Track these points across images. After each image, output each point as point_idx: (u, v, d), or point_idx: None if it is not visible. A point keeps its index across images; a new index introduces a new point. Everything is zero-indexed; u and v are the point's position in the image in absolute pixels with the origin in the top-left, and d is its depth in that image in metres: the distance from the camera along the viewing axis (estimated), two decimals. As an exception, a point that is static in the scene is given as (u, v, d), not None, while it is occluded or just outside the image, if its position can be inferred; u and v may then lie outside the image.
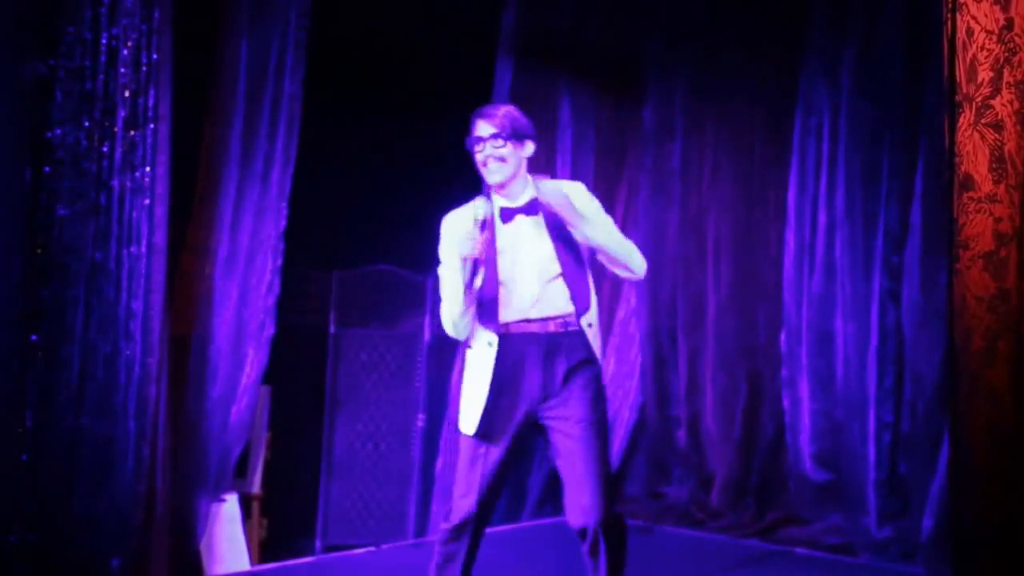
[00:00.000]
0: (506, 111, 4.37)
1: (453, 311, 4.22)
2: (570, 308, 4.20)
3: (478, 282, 4.17)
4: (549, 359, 4.18)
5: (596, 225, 4.17)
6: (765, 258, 7.80)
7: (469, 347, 4.33)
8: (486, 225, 4.11)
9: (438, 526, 4.37)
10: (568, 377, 4.18)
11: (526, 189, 4.31)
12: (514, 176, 4.30)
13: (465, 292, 4.14)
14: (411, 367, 7.41)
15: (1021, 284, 3.89)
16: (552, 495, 7.21)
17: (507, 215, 4.29)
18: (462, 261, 4.08)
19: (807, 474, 7.34)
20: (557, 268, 4.20)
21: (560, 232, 4.20)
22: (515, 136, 4.28)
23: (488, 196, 4.35)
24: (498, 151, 4.27)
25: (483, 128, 4.33)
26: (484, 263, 4.17)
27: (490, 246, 4.21)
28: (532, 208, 4.27)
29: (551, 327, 4.18)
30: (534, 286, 4.20)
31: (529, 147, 4.33)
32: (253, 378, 5.95)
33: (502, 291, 4.21)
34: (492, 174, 4.29)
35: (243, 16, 5.84)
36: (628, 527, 4.31)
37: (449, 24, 7.51)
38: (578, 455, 4.15)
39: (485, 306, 4.24)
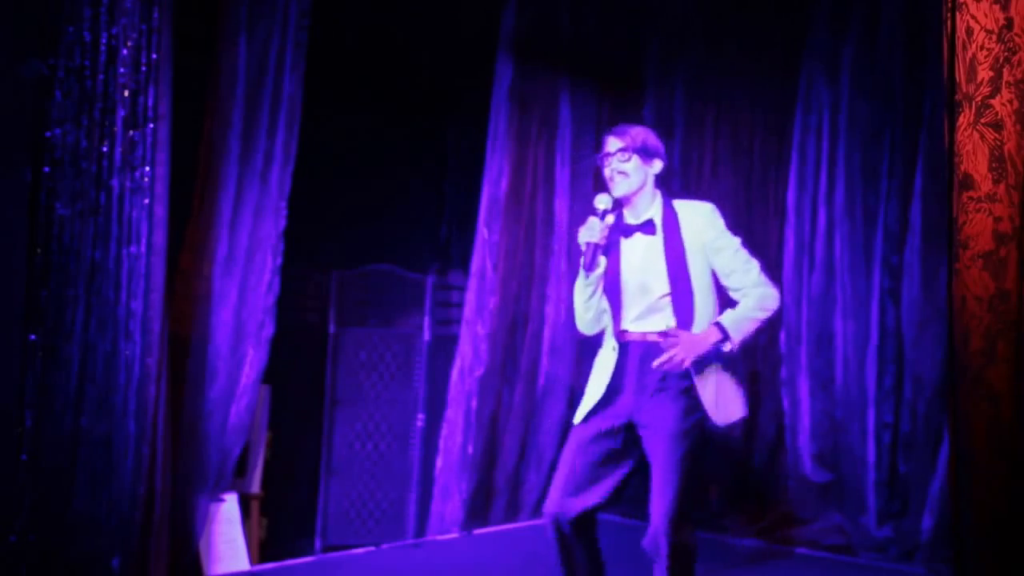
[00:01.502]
0: (636, 130, 4.48)
1: (576, 301, 4.48)
2: (671, 324, 4.31)
3: (597, 272, 4.38)
4: (643, 369, 4.29)
5: (734, 314, 4.31)
6: (765, 257, 7.69)
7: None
8: (606, 215, 4.34)
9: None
10: (660, 389, 4.27)
11: (651, 206, 4.44)
12: (638, 191, 4.42)
13: (585, 278, 4.38)
14: (411, 367, 7.40)
15: (1021, 284, 3.88)
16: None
17: (627, 231, 4.43)
18: (584, 247, 4.30)
19: (807, 474, 7.34)
20: (665, 288, 4.32)
21: (676, 254, 4.33)
22: (641, 152, 4.40)
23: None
24: (622, 165, 4.38)
25: (611, 144, 4.44)
26: (605, 253, 4.38)
27: (614, 255, 4.41)
28: (650, 227, 4.40)
29: (649, 339, 4.30)
30: (639, 301, 4.36)
31: (657, 165, 4.45)
32: (252, 378, 5.95)
33: (622, 305, 4.39)
34: (616, 187, 4.40)
35: (242, 15, 5.83)
36: (696, 554, 4.45)
37: (449, 24, 7.51)
38: (657, 465, 4.24)
39: (608, 312, 4.44)
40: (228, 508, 6.08)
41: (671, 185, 8.20)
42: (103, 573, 5.01)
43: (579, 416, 4.39)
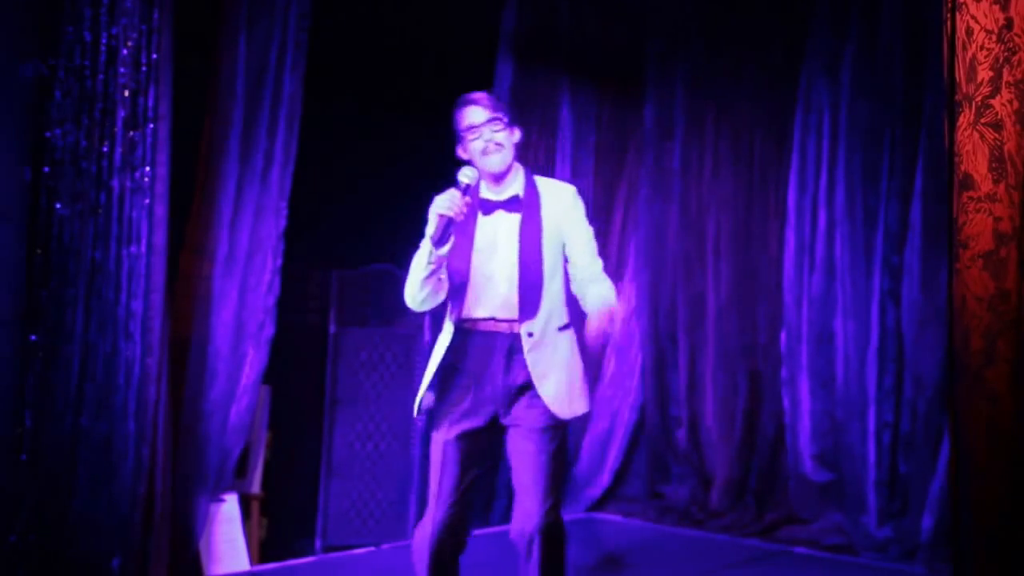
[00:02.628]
0: (493, 96, 4.22)
1: (413, 275, 4.15)
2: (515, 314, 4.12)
3: (444, 249, 4.04)
4: (509, 362, 4.11)
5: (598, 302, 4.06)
6: (765, 257, 7.80)
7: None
8: (469, 191, 4.03)
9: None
10: (525, 384, 4.11)
11: (515, 182, 4.20)
12: (510, 166, 4.18)
13: (431, 254, 4.05)
14: (411, 367, 7.39)
15: (1021, 284, 3.88)
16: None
17: (488, 207, 4.19)
18: (437, 218, 3.99)
19: (807, 474, 7.34)
20: (515, 273, 4.11)
21: (533, 237, 4.11)
22: (510, 121, 4.15)
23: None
24: (496, 135, 4.12)
25: (477, 114, 4.13)
26: (456, 233, 4.07)
27: (466, 235, 4.14)
28: (514, 204, 4.17)
29: (514, 329, 4.10)
30: (504, 287, 4.12)
31: (518, 134, 4.20)
32: (253, 378, 5.95)
33: (472, 284, 4.15)
34: (493, 162, 4.13)
35: (242, 15, 5.84)
36: (567, 537, 4.23)
37: (449, 24, 7.51)
38: (526, 463, 4.12)
39: (454, 294, 4.19)
40: (228, 508, 6.09)
41: (671, 186, 8.21)
42: (103, 573, 5.01)
43: (415, 406, 4.25)
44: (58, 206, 4.90)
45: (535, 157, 7.65)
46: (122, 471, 5.08)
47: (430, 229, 4.06)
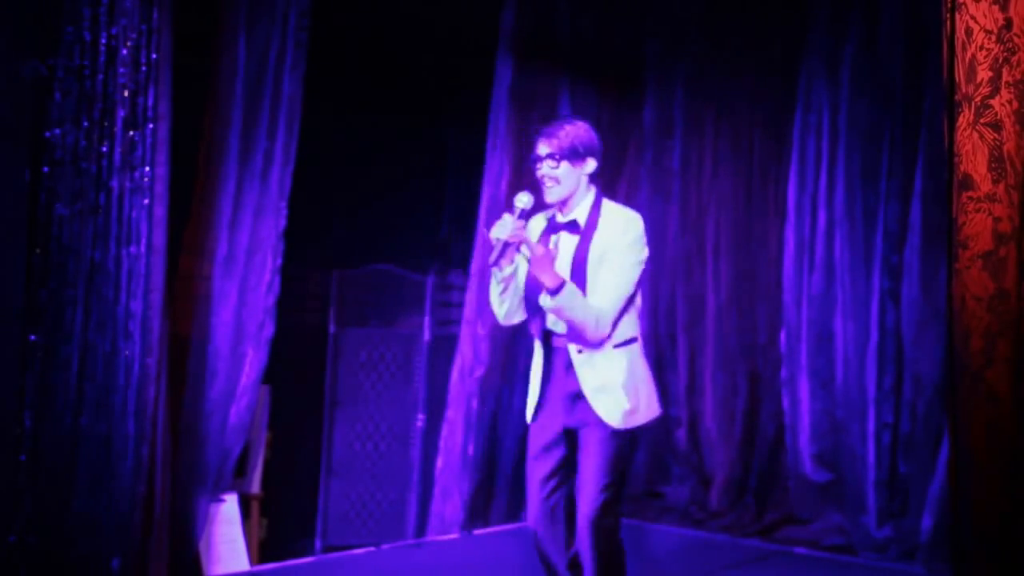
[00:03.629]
0: (568, 131, 4.36)
1: (492, 294, 4.45)
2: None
3: (506, 269, 4.31)
4: (568, 374, 4.34)
5: (558, 300, 4.14)
6: (765, 257, 7.80)
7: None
8: (524, 215, 4.24)
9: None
10: (577, 396, 4.33)
11: (579, 207, 4.38)
12: (571, 195, 4.37)
13: (495, 274, 4.34)
14: (411, 367, 7.40)
15: (1020, 284, 3.88)
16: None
17: (555, 228, 4.42)
18: (492, 243, 4.22)
19: (807, 474, 7.35)
20: None
21: (581, 258, 4.28)
22: (572, 156, 4.31)
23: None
24: (552, 172, 4.32)
25: (541, 147, 4.36)
26: (514, 252, 4.29)
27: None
28: (574, 227, 4.36)
29: (562, 343, 4.35)
30: None
31: (590, 164, 4.37)
32: (252, 378, 5.95)
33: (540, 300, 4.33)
34: (548, 193, 4.36)
35: (242, 15, 5.83)
36: (623, 551, 4.41)
37: (449, 23, 7.51)
38: (586, 463, 4.30)
39: (530, 309, 4.42)
40: (228, 508, 6.09)
41: (671, 186, 8.21)
42: (103, 574, 5.00)
43: (529, 414, 4.50)
44: (58, 206, 4.89)
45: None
46: (122, 471, 5.07)
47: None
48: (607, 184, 8.28)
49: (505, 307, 4.44)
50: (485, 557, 6.63)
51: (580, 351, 4.27)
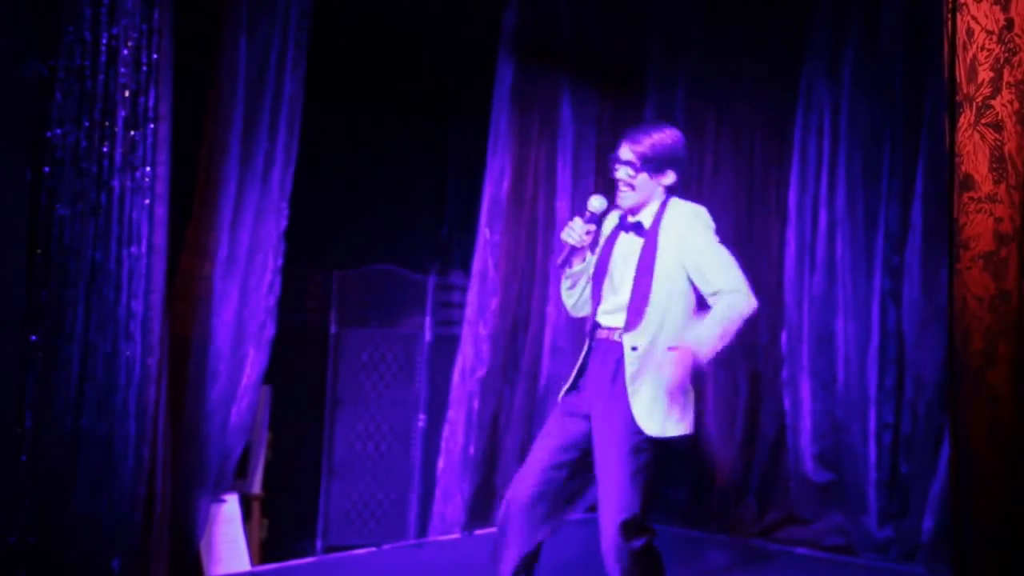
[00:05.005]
0: (654, 140, 4.35)
1: (562, 287, 4.55)
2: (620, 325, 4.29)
3: (576, 267, 4.42)
4: (616, 370, 4.26)
5: (699, 329, 4.18)
6: (766, 257, 7.79)
7: None
8: (595, 219, 4.33)
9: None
10: (611, 393, 4.25)
11: (647, 210, 4.37)
12: (643, 204, 4.37)
13: (564, 273, 4.46)
14: (412, 367, 7.40)
15: (1021, 284, 3.88)
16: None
17: (626, 227, 4.42)
18: (562, 244, 4.34)
19: (808, 474, 7.34)
20: (629, 289, 4.27)
21: (648, 253, 4.27)
22: (651, 166, 4.31)
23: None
24: (629, 179, 4.33)
25: (624, 152, 4.36)
26: (584, 253, 4.42)
27: (609, 248, 4.41)
28: (639, 228, 4.35)
29: (612, 338, 4.30)
30: (621, 298, 4.30)
31: (669, 177, 4.37)
32: (253, 378, 5.94)
33: (606, 294, 4.39)
34: (621, 198, 4.38)
35: (243, 16, 5.83)
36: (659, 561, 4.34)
37: (450, 24, 7.50)
38: (606, 473, 4.21)
39: (593, 304, 4.47)
40: (229, 509, 6.08)
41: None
42: (103, 574, 5.00)
43: (563, 391, 4.46)
44: (58, 206, 4.89)
45: (536, 157, 7.65)
46: (122, 471, 5.07)
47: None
48: (609, 184, 8.29)
49: (574, 299, 4.55)
50: (486, 558, 6.62)
51: (635, 348, 4.22)
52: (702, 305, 4.36)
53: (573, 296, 4.52)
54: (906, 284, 6.87)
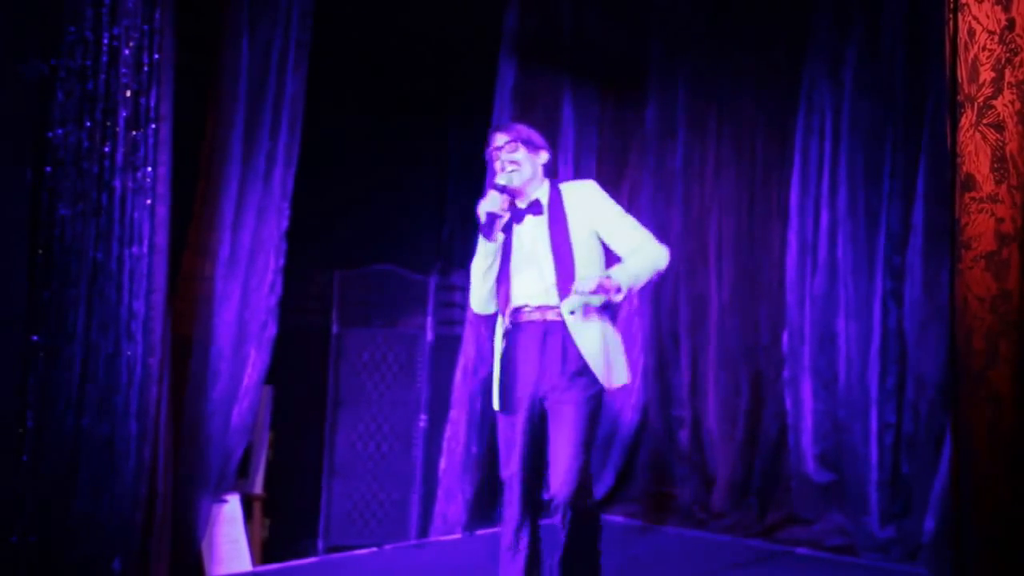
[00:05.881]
0: (520, 126, 4.77)
1: (474, 276, 4.67)
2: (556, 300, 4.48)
3: (499, 239, 4.52)
4: (544, 344, 4.49)
5: (627, 268, 4.44)
6: (767, 258, 7.80)
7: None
8: (506, 190, 4.49)
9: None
10: (563, 369, 4.46)
11: (537, 191, 4.65)
12: (529, 181, 4.62)
13: (484, 247, 4.54)
14: (413, 367, 7.40)
15: (1023, 284, 3.88)
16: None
17: (518, 216, 4.63)
18: (484, 217, 4.43)
19: (809, 474, 7.34)
20: (551, 265, 4.50)
21: (559, 230, 4.53)
22: (527, 143, 4.63)
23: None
24: (511, 155, 4.59)
25: (498, 139, 4.65)
26: (500, 225, 4.52)
27: (506, 241, 4.59)
28: (536, 207, 4.61)
29: (548, 316, 4.50)
30: (530, 282, 4.54)
31: (543, 155, 4.68)
32: (255, 378, 5.95)
33: (513, 283, 4.57)
34: (511, 178, 4.56)
35: (245, 16, 5.83)
36: (600, 525, 4.56)
37: (452, 24, 7.51)
38: (559, 437, 4.39)
39: (500, 295, 4.63)
40: (230, 509, 6.09)
41: (673, 187, 8.21)
42: (104, 574, 5.00)
43: (496, 403, 4.62)
44: (60, 207, 4.89)
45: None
46: (124, 472, 5.07)
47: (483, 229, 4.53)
48: (610, 186, 8.29)
49: (488, 286, 4.64)
50: (488, 558, 6.62)
51: (572, 312, 4.43)
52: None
53: (488, 280, 4.62)
54: (907, 284, 6.86)
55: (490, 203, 4.43)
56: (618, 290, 4.31)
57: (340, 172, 7.20)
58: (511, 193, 4.55)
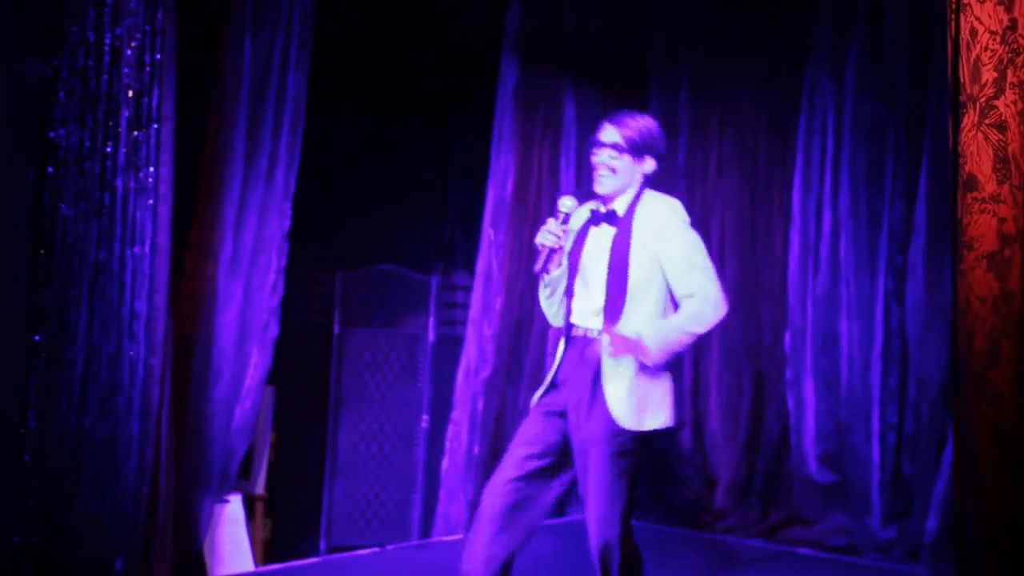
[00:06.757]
0: (639, 124, 4.30)
1: (541, 296, 4.37)
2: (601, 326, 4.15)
3: (554, 273, 4.21)
4: (580, 365, 4.16)
5: (661, 329, 4.07)
6: (769, 258, 7.80)
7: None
8: (568, 219, 4.15)
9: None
10: (593, 395, 4.12)
11: (621, 199, 4.26)
12: (622, 190, 4.26)
13: (542, 280, 4.25)
14: (415, 367, 7.41)
15: (1025, 285, 3.88)
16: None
17: (596, 219, 4.29)
18: (539, 249, 4.13)
19: (811, 475, 7.34)
20: (603, 287, 4.15)
21: (621, 247, 4.14)
22: (635, 150, 4.23)
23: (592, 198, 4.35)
24: (612, 161, 4.22)
25: (607, 133, 4.27)
26: (562, 256, 4.23)
27: (581, 243, 4.26)
28: (612, 219, 4.24)
29: (589, 336, 4.18)
30: (584, 294, 4.22)
31: (649, 164, 4.30)
32: (257, 379, 5.94)
33: (576, 292, 4.25)
34: (600, 183, 4.24)
35: (247, 16, 5.83)
36: (642, 564, 4.21)
37: (454, 24, 7.51)
38: (591, 479, 4.08)
39: (566, 303, 4.30)
40: (232, 509, 6.08)
41: (675, 187, 8.21)
42: (106, 574, 5.00)
43: (536, 396, 4.30)
44: (62, 207, 4.89)
45: (539, 157, 7.66)
46: (126, 472, 5.07)
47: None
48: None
49: (555, 307, 4.35)
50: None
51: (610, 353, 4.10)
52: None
53: (554, 304, 4.33)
54: (910, 284, 6.86)
55: (544, 236, 4.11)
56: (648, 355, 3.98)
57: (342, 172, 7.20)
58: (568, 217, 4.19)
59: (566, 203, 4.17)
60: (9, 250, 4.83)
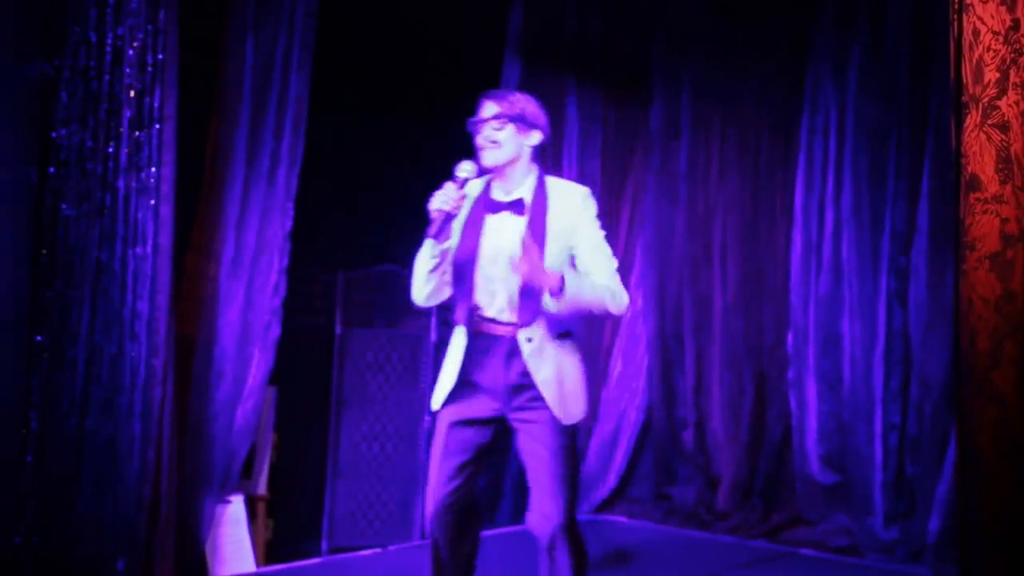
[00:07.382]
0: (516, 96, 4.19)
1: (417, 270, 4.19)
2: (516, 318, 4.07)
3: (446, 243, 4.08)
4: (508, 364, 4.07)
5: (579, 280, 3.98)
6: (772, 258, 7.80)
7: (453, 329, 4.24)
8: (465, 184, 4.04)
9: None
10: (530, 395, 4.06)
11: (524, 183, 4.16)
12: (511, 163, 4.14)
13: (432, 247, 4.09)
14: (417, 368, 7.39)
15: (1028, 285, 3.87)
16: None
17: (494, 207, 4.16)
18: (433, 214, 4.01)
19: (814, 475, 7.34)
20: (519, 280, 4.02)
21: (536, 240, 4.00)
22: (518, 120, 4.12)
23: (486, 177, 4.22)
24: (495, 133, 4.11)
25: (486, 108, 4.17)
26: (464, 231, 4.12)
27: (473, 234, 4.14)
28: (518, 207, 4.13)
29: (514, 333, 4.06)
30: (504, 292, 4.09)
31: (535, 136, 4.16)
32: (259, 379, 5.94)
33: (476, 286, 4.12)
34: (486, 156, 4.12)
35: (249, 16, 5.83)
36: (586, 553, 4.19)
37: (456, 24, 7.50)
38: (540, 473, 4.06)
39: (459, 295, 4.16)
40: (234, 510, 6.08)
41: (678, 187, 8.21)
42: (108, 575, 5.00)
43: (436, 402, 4.17)
44: (64, 207, 4.89)
45: (541, 157, 7.65)
46: (127, 472, 5.07)
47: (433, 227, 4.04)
48: (614, 186, 8.29)
49: (432, 285, 4.16)
50: (491, 558, 6.61)
51: (530, 340, 4.02)
52: None
53: (432, 281, 4.15)
54: (912, 285, 6.86)
55: (441, 199, 3.99)
56: (560, 289, 3.86)
57: (344, 172, 7.19)
58: (484, 191, 4.13)
59: (465, 168, 4.06)
60: (11, 250, 4.84)
